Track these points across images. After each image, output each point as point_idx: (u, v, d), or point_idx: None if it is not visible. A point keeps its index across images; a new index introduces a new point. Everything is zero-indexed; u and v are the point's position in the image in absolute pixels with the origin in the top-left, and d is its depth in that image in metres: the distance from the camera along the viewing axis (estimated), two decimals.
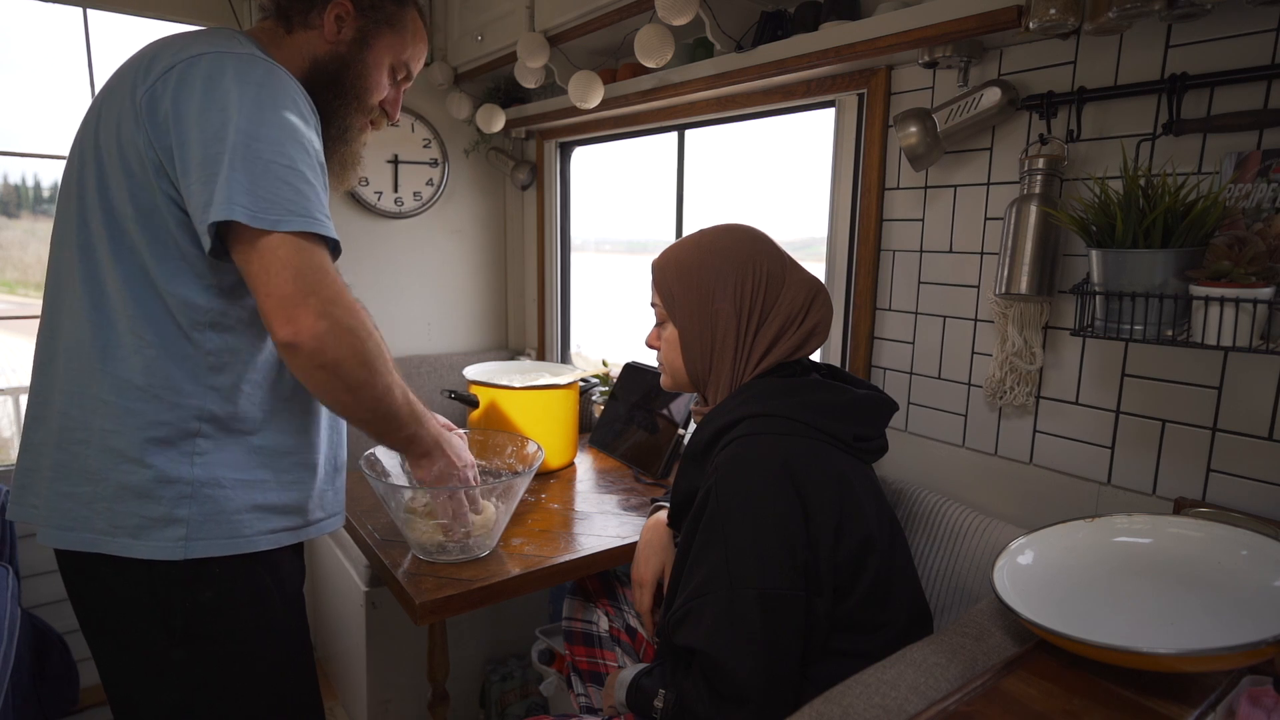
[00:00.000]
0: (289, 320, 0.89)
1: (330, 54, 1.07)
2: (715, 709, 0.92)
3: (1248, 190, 0.98)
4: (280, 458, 1.04)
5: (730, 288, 1.07)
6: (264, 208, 0.87)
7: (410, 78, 1.18)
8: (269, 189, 0.88)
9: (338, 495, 1.16)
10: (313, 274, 0.89)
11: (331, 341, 0.90)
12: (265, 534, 1.02)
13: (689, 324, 1.10)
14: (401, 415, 1.05)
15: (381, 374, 0.98)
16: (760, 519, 0.94)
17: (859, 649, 0.97)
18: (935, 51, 1.26)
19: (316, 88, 1.07)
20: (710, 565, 0.95)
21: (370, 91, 1.12)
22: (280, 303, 0.89)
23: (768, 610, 0.91)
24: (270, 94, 0.92)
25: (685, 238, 1.15)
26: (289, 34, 1.07)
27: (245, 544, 0.99)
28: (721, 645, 0.91)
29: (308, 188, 0.91)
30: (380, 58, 1.11)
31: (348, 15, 1.07)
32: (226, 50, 0.93)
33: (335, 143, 1.12)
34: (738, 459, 0.99)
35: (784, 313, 1.07)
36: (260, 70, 0.93)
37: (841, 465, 1.00)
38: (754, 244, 1.10)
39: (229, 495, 0.98)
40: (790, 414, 1.01)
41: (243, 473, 1.00)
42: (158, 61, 0.93)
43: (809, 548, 0.95)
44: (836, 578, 0.97)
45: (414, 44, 1.15)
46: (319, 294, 0.89)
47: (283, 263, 0.88)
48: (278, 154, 0.89)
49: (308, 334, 0.89)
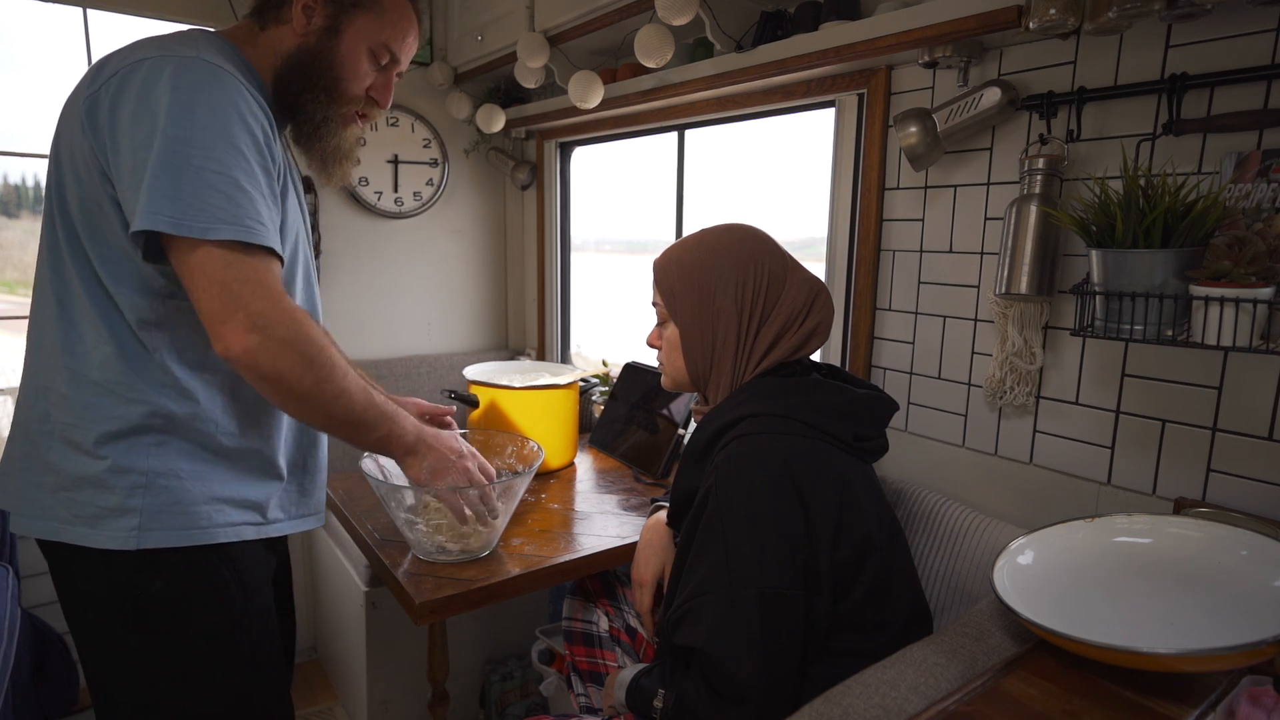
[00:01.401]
0: (218, 337, 0.89)
1: (299, 46, 1.05)
2: (715, 709, 0.92)
3: (1248, 190, 0.98)
4: (240, 457, 1.04)
5: (731, 287, 1.07)
6: (190, 215, 0.86)
7: (396, 60, 1.12)
8: (197, 196, 0.86)
9: (306, 499, 1.14)
10: (239, 286, 0.88)
11: (265, 355, 0.89)
12: (224, 526, 1.01)
13: (690, 323, 1.10)
14: (366, 418, 1.03)
15: (330, 380, 0.96)
16: (760, 518, 0.94)
17: (859, 649, 0.97)
18: (935, 51, 1.26)
19: (287, 83, 1.05)
20: (710, 565, 0.95)
21: (345, 80, 1.08)
22: (209, 319, 0.89)
23: (767, 610, 0.91)
24: (206, 96, 0.90)
25: (687, 237, 1.15)
26: (263, 30, 1.06)
27: (201, 535, 0.98)
28: (721, 645, 0.91)
29: (241, 194, 0.89)
30: (355, 44, 1.06)
31: (316, 4, 1.04)
32: (169, 54, 0.92)
33: (311, 139, 1.10)
34: (738, 458, 0.99)
35: (785, 312, 1.07)
36: (198, 72, 0.91)
37: (842, 465, 1.00)
38: (756, 243, 1.10)
39: (186, 486, 0.98)
40: (790, 413, 1.01)
41: (201, 464, 1.00)
42: (106, 68, 0.93)
43: (809, 547, 0.95)
44: (836, 577, 0.97)
45: (394, 24, 1.09)
46: (246, 308, 0.88)
47: (209, 277, 0.87)
48: (208, 159, 0.88)
49: (238, 349, 0.88)
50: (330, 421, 1.01)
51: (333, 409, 0.98)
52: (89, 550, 0.96)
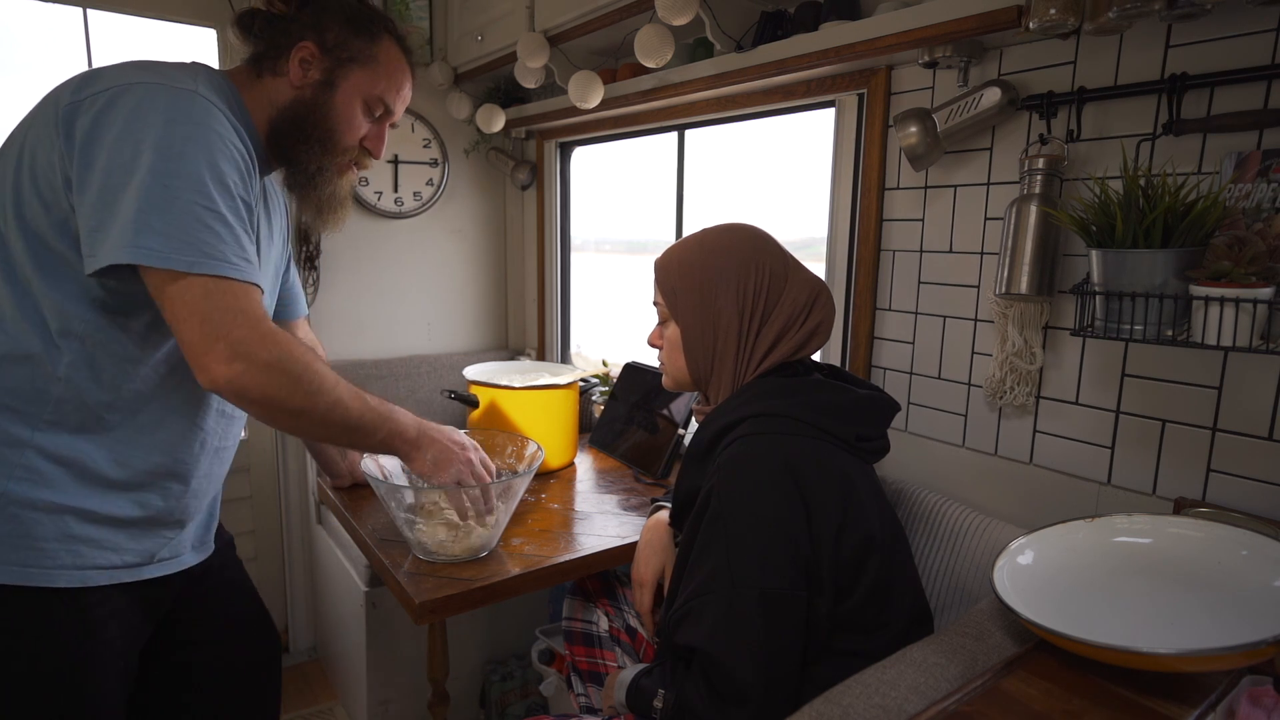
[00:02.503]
0: (201, 369, 0.89)
1: (294, 99, 1.06)
2: (715, 709, 0.92)
3: (1248, 190, 0.98)
4: (119, 493, 0.99)
5: (733, 287, 1.07)
6: (177, 250, 0.87)
7: (390, 112, 1.14)
8: (184, 230, 0.87)
9: (182, 539, 1.10)
10: (220, 316, 0.89)
11: (251, 381, 0.90)
12: (74, 569, 0.95)
13: (691, 323, 1.10)
14: (365, 422, 1.04)
15: (323, 393, 0.97)
16: (762, 518, 0.94)
17: (860, 648, 0.97)
18: (935, 51, 1.26)
19: (282, 133, 1.06)
20: (711, 565, 0.95)
21: (340, 132, 1.09)
22: (191, 350, 0.89)
23: (769, 610, 0.91)
24: (200, 133, 0.90)
25: (688, 237, 1.15)
26: (259, 79, 1.07)
27: (41, 576, 0.94)
28: (721, 645, 0.91)
29: (225, 229, 0.90)
30: (350, 97, 1.08)
31: (313, 58, 1.06)
32: (166, 83, 0.92)
33: (306, 188, 1.11)
34: (740, 458, 0.99)
35: (786, 312, 1.08)
36: (193, 107, 0.91)
37: (844, 465, 1.00)
38: (757, 243, 1.10)
39: (38, 519, 0.93)
40: (792, 413, 1.01)
41: (68, 498, 0.95)
42: (97, 80, 0.91)
43: (811, 547, 0.95)
44: (838, 577, 0.97)
45: (388, 77, 1.11)
46: (227, 338, 0.89)
47: (190, 309, 0.88)
48: (197, 194, 0.88)
49: (222, 379, 0.89)
50: (330, 432, 1.01)
51: (330, 420, 0.99)
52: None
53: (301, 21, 1.06)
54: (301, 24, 1.06)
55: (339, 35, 1.06)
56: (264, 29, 1.07)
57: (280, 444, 2.35)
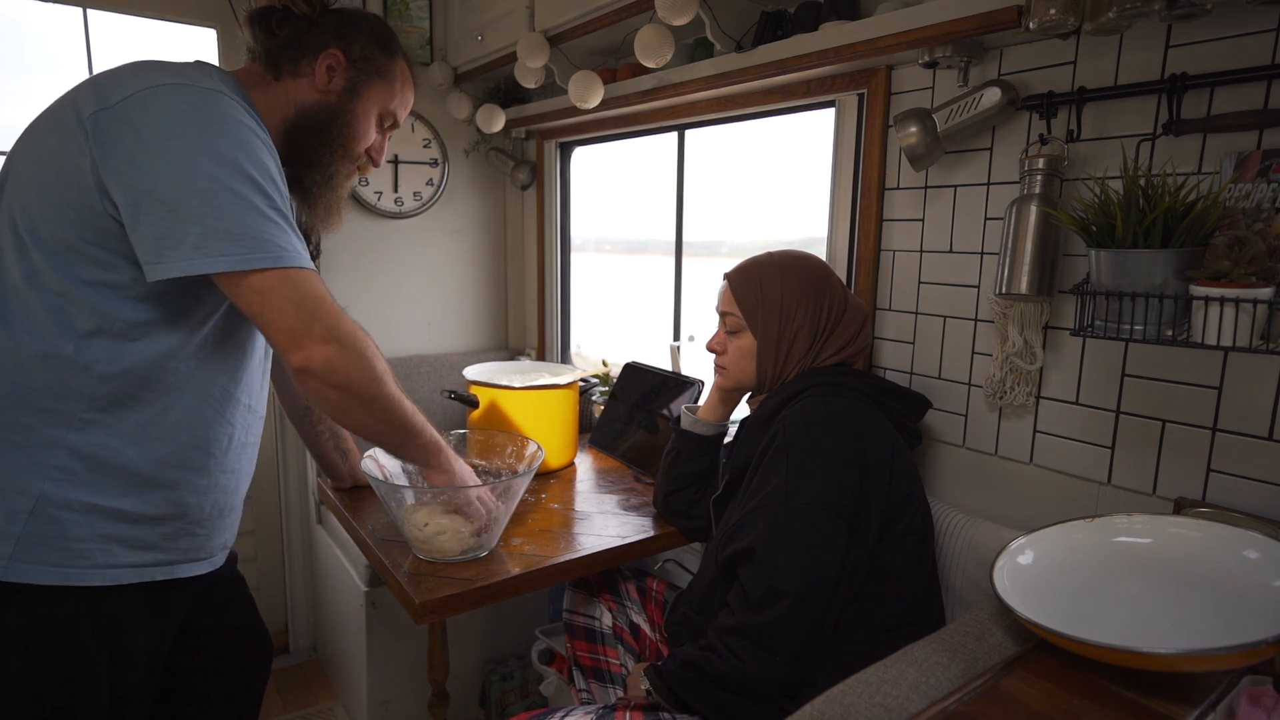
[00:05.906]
0: (299, 349, 0.93)
1: (319, 103, 1.09)
2: (754, 608, 1.01)
3: (1248, 190, 0.98)
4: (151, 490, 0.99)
5: (809, 307, 1.23)
6: (250, 249, 0.90)
7: (396, 125, 1.20)
8: (254, 230, 0.90)
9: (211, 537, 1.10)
10: (310, 303, 0.94)
11: (341, 362, 0.95)
12: (107, 568, 0.96)
13: (767, 337, 1.23)
14: (415, 423, 1.10)
15: (390, 386, 1.03)
16: (823, 451, 1.07)
17: (890, 591, 1.08)
18: (935, 51, 1.26)
19: (301, 134, 1.08)
20: (771, 486, 1.07)
21: (357, 140, 1.13)
22: (288, 334, 0.93)
23: (817, 525, 1.02)
24: (244, 134, 0.93)
25: (760, 257, 1.29)
26: (276, 80, 1.08)
27: (77, 576, 0.94)
28: (770, 545, 1.03)
29: (285, 222, 0.95)
30: (369, 107, 1.13)
31: (339, 66, 1.09)
32: (188, 82, 0.92)
33: (321, 188, 1.14)
34: (807, 409, 1.12)
35: (845, 334, 1.24)
36: (227, 108, 0.93)
37: (893, 433, 1.15)
38: (825, 271, 1.27)
39: (74, 520, 0.93)
40: (850, 385, 1.17)
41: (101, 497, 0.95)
42: (112, 88, 0.91)
43: (863, 487, 1.06)
44: (883, 520, 1.07)
45: (402, 93, 1.17)
46: (321, 320, 0.94)
47: (282, 298, 0.92)
48: (256, 193, 0.91)
49: (319, 358, 0.94)
50: (390, 426, 1.07)
51: (393, 414, 1.05)
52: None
53: (325, 28, 1.08)
54: (325, 30, 1.08)
55: (366, 48, 1.11)
56: (283, 28, 1.08)
57: (280, 444, 2.35)
